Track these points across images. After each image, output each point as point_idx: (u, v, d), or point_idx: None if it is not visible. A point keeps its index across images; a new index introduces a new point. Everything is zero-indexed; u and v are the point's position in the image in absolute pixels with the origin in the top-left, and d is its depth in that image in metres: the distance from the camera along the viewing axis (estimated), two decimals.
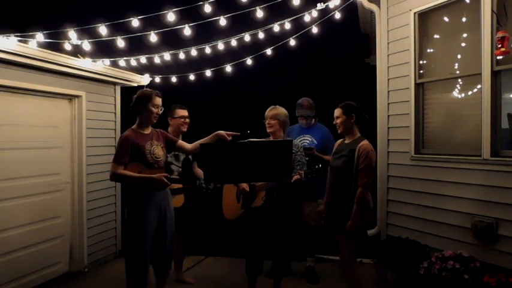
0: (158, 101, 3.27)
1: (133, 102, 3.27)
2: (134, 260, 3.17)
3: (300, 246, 4.63)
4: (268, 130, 3.67)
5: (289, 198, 3.59)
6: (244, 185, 3.50)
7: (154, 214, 3.20)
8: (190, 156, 4.07)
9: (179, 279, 4.25)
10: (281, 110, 3.68)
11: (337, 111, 3.34)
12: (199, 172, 4.08)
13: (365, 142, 3.20)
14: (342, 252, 3.24)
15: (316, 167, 3.46)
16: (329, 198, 3.41)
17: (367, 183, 3.09)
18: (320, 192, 3.97)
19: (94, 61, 4.61)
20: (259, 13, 4.14)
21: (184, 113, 4.10)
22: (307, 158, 4.24)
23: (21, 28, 4.11)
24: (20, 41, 3.78)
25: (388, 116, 4.65)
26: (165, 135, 3.42)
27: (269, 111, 3.68)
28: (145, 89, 3.40)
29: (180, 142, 3.53)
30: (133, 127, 3.27)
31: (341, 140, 3.48)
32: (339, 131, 3.40)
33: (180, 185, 3.84)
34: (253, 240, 3.55)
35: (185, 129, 4.09)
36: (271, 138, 3.69)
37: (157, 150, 3.25)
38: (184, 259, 4.37)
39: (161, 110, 3.33)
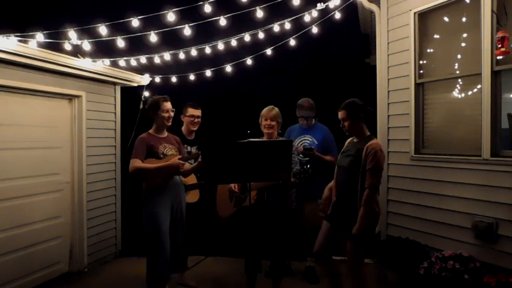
0: (167, 105, 3.55)
1: (146, 111, 3.59)
2: (154, 257, 3.40)
3: (300, 246, 4.63)
4: (267, 131, 3.66)
5: (282, 197, 3.59)
6: (232, 185, 3.60)
7: (167, 212, 3.45)
8: None
9: (181, 283, 4.23)
10: (278, 111, 3.72)
11: (341, 114, 3.13)
12: None
13: (374, 141, 3.03)
14: (348, 257, 3.16)
15: (305, 167, 3.46)
16: (328, 199, 3.39)
17: (375, 185, 2.94)
18: (320, 193, 3.98)
19: (94, 61, 4.61)
20: (259, 13, 4.14)
21: (195, 112, 4.26)
22: (307, 158, 4.25)
23: (21, 28, 4.11)
24: (20, 41, 3.78)
25: (388, 116, 4.65)
26: (179, 142, 3.71)
27: (269, 112, 3.67)
28: (154, 96, 3.61)
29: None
30: (150, 131, 3.57)
31: (351, 138, 3.33)
32: (348, 134, 3.25)
33: (195, 181, 4.00)
34: (248, 239, 3.57)
35: (195, 128, 4.26)
36: (265, 139, 3.68)
37: (170, 152, 3.52)
38: (187, 259, 4.37)
39: (172, 112, 3.58)
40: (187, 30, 4.15)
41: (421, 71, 4.33)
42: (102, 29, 3.92)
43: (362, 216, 2.96)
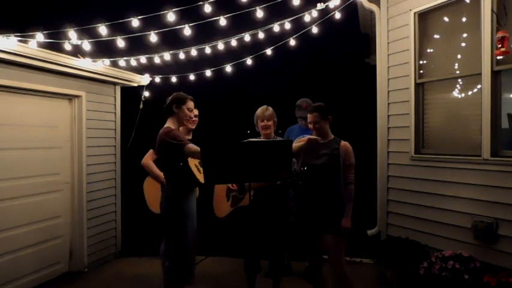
0: (192, 104, 3.33)
1: (167, 103, 3.28)
2: (183, 256, 3.18)
3: (300, 246, 4.63)
4: (264, 131, 3.63)
5: (279, 197, 3.59)
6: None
7: (195, 213, 3.26)
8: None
9: None
10: (273, 110, 3.69)
11: (313, 117, 3.28)
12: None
13: (344, 141, 3.28)
14: (336, 253, 3.19)
15: (302, 169, 3.45)
16: (312, 198, 3.32)
17: (354, 180, 3.19)
18: None
19: (94, 61, 4.61)
20: (259, 13, 4.14)
21: (194, 111, 4.12)
22: None
23: (21, 28, 4.11)
24: (20, 41, 3.78)
25: (388, 116, 4.65)
26: None
27: (264, 112, 3.64)
28: (179, 92, 3.37)
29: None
30: (171, 127, 3.24)
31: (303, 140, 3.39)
32: (316, 135, 3.34)
33: None
34: (246, 238, 3.57)
35: (193, 127, 4.10)
36: (262, 139, 3.67)
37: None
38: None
39: (194, 115, 3.35)
40: (187, 30, 4.15)
41: (421, 71, 4.33)
42: (102, 29, 3.92)
43: (349, 210, 3.14)
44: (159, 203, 3.54)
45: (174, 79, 5.63)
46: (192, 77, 5.58)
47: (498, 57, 3.51)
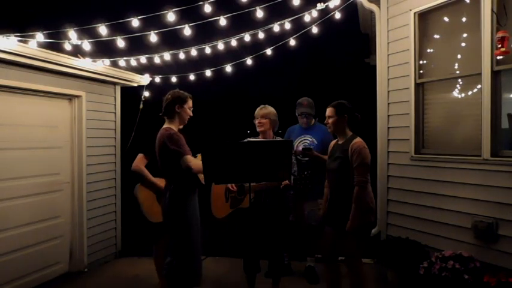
0: (191, 102, 3.33)
1: (167, 102, 3.25)
2: (192, 258, 3.18)
3: (300, 246, 4.63)
4: (259, 129, 3.68)
5: (279, 198, 3.60)
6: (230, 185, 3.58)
7: (198, 209, 3.28)
8: None
9: None
10: (271, 109, 3.71)
11: (329, 111, 3.31)
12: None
13: (357, 140, 3.16)
14: (346, 256, 3.21)
15: (306, 173, 3.46)
16: (327, 201, 3.39)
17: (363, 182, 3.04)
18: (320, 193, 3.98)
19: (94, 61, 4.61)
20: (259, 13, 4.14)
21: None
22: (306, 159, 4.25)
23: (21, 28, 4.11)
24: (20, 41, 3.78)
25: (388, 116, 4.65)
26: None
27: (260, 110, 3.69)
28: (178, 90, 3.35)
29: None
30: (173, 127, 3.23)
31: (335, 141, 3.44)
32: (330, 131, 3.40)
33: None
34: (246, 239, 3.58)
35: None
36: (260, 138, 3.69)
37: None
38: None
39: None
40: (187, 30, 4.15)
41: (421, 71, 4.33)
42: (102, 29, 3.92)
43: (353, 213, 3.05)
44: (157, 211, 3.52)
45: (174, 79, 5.63)
46: (192, 77, 5.58)
47: (498, 57, 3.51)
